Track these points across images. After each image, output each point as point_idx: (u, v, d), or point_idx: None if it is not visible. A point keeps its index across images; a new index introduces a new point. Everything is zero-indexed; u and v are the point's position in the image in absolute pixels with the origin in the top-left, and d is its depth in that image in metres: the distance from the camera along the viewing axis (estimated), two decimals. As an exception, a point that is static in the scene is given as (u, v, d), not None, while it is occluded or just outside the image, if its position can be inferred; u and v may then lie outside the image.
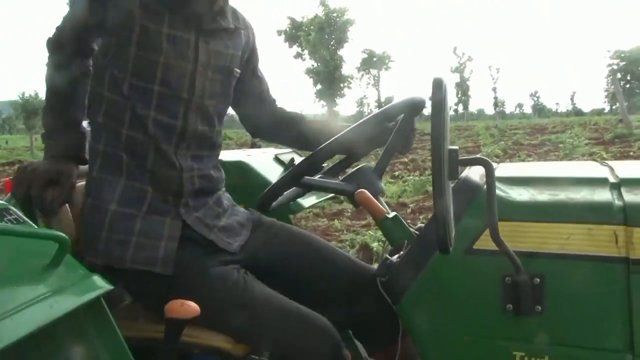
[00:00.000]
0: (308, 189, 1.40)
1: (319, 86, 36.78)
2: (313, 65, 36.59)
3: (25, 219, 1.06)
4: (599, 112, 45.83)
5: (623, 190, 1.04)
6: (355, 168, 1.36)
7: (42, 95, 1.43)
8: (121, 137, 1.32)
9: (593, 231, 1.00)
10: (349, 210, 6.21)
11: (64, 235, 0.96)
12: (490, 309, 1.05)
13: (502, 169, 1.24)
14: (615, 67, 37.58)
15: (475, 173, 1.17)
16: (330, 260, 1.42)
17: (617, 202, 1.01)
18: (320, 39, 32.94)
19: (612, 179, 1.08)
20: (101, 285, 1.04)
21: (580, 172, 1.22)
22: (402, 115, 1.35)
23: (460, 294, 1.08)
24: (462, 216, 1.06)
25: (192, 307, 1.07)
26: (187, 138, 1.36)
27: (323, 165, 1.38)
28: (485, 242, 1.04)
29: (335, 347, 1.25)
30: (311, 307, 1.28)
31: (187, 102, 1.35)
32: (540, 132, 27.54)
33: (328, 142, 1.29)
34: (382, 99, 52.55)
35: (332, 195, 2.10)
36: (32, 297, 0.91)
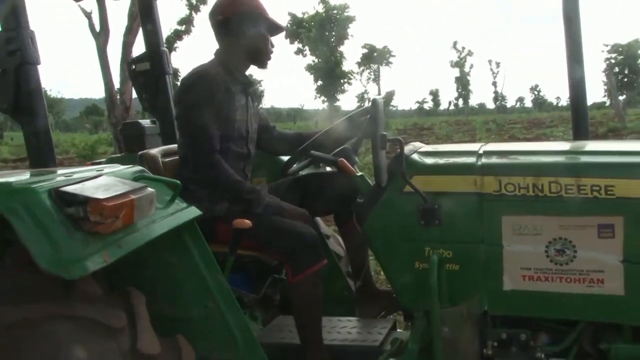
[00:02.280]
0: (312, 159, 2.28)
1: (319, 82, 37.43)
2: (314, 62, 37.20)
3: (150, 174, 1.91)
4: (600, 106, 46.45)
5: (482, 157, 1.90)
6: (340, 148, 2.23)
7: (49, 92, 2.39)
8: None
9: (465, 179, 1.86)
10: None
11: (177, 182, 1.83)
12: (412, 223, 1.90)
13: (424, 147, 2.10)
14: (613, 60, 38.08)
15: (407, 149, 2.02)
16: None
17: (477, 163, 1.87)
18: (320, 35, 33.72)
19: (480, 151, 1.93)
20: (195, 212, 1.91)
21: (467, 147, 2.07)
22: (369, 115, 2.23)
23: (396, 215, 1.93)
24: (394, 174, 1.92)
25: (246, 222, 1.95)
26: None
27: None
28: (409, 189, 1.89)
29: (317, 241, 2.15)
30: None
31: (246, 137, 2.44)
32: (538, 126, 28.26)
33: (322, 132, 2.17)
34: (383, 94, 53.20)
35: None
36: (160, 216, 1.77)
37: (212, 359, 1.89)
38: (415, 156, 1.96)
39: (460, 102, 62.26)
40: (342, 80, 37.69)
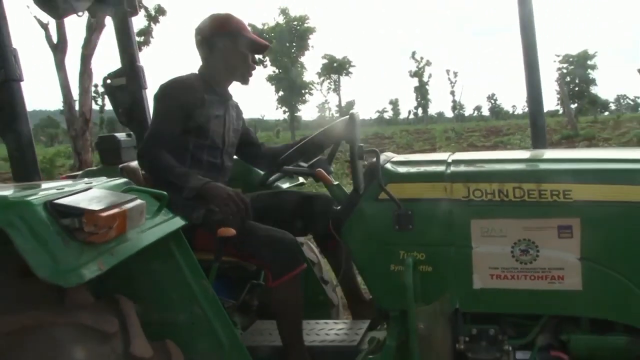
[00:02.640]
0: (288, 172, 2.38)
1: (280, 93, 37.54)
2: (274, 72, 37.32)
3: (138, 186, 1.99)
4: (553, 114, 47.90)
5: (451, 166, 2.04)
6: (315, 159, 2.34)
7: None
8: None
9: (436, 186, 1.99)
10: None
11: (164, 193, 1.91)
12: (387, 229, 2.02)
13: (396, 157, 2.23)
14: (564, 70, 39.39)
15: (381, 159, 2.15)
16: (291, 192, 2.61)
17: (447, 171, 2.01)
18: (281, 46, 33.88)
19: (448, 160, 2.08)
20: (180, 222, 1.99)
21: (436, 157, 2.22)
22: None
23: (372, 221, 2.05)
24: (370, 181, 2.04)
25: (230, 230, 2.04)
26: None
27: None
28: (383, 195, 2.01)
29: (296, 247, 2.25)
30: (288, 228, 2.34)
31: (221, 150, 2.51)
32: (495, 134, 29.00)
33: (300, 144, 2.29)
34: (344, 104, 53.57)
35: (299, 182, 3.10)
36: (149, 226, 1.85)
37: None
38: (388, 165, 2.09)
39: (420, 111, 63.26)
40: (303, 91, 37.90)
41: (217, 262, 2.19)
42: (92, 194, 1.74)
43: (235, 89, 2.78)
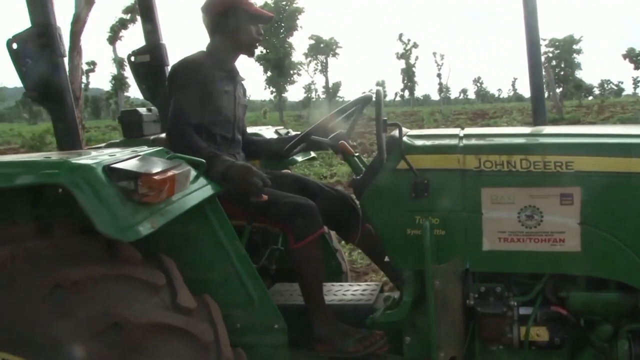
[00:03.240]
0: (315, 143, 2.56)
1: (268, 73, 37.40)
2: (262, 52, 37.12)
3: (178, 154, 2.15)
4: (538, 98, 48.23)
5: (464, 139, 2.23)
6: (336, 132, 2.52)
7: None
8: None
9: (450, 157, 2.18)
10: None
11: (202, 160, 2.09)
12: (405, 196, 2.21)
13: (411, 132, 2.42)
14: (550, 54, 39.75)
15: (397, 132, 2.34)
16: (316, 187, 2.64)
17: (460, 145, 2.20)
18: (269, 26, 33.70)
19: (460, 134, 2.27)
20: (217, 187, 2.17)
21: (450, 131, 2.41)
22: (358, 106, 2.54)
23: (391, 189, 2.24)
24: (391, 152, 2.22)
25: (263, 196, 2.23)
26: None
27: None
28: (402, 165, 2.20)
29: (316, 211, 2.41)
30: None
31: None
32: (482, 117, 29.27)
33: (317, 123, 2.48)
34: (330, 85, 53.45)
35: (312, 156, 3.29)
36: (190, 190, 2.03)
37: (232, 315, 2.16)
38: (405, 138, 2.27)
39: (407, 93, 63.36)
40: (291, 72, 37.80)
41: (250, 224, 2.38)
42: (143, 160, 1.92)
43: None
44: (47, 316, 1.66)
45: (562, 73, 39.67)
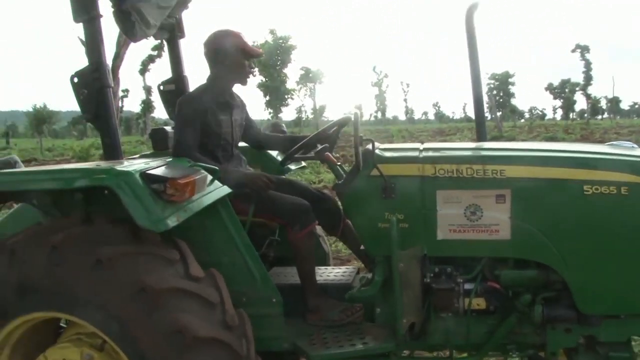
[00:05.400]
0: (303, 158, 2.62)
1: (267, 97, 37.38)
2: (262, 80, 37.11)
3: (197, 163, 2.18)
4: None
5: (423, 152, 2.29)
6: (322, 146, 2.57)
7: (50, 106, 2.57)
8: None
9: (412, 166, 2.24)
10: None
11: (216, 168, 2.13)
12: (377, 197, 2.24)
13: (382, 145, 2.48)
14: (492, 85, 40.66)
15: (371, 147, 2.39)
16: (307, 190, 2.71)
17: (420, 156, 2.26)
18: (269, 60, 33.74)
19: (421, 148, 2.33)
20: (227, 190, 2.18)
21: (413, 145, 2.46)
22: (339, 125, 2.60)
23: (366, 193, 2.27)
24: (365, 162, 2.27)
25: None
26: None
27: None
28: (375, 172, 2.24)
29: (310, 209, 2.45)
30: None
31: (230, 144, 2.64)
32: (440, 135, 29.45)
33: (307, 139, 2.53)
34: (317, 107, 53.34)
35: (302, 165, 3.33)
36: (207, 191, 2.07)
37: (238, 290, 2.18)
38: (377, 151, 2.33)
39: (379, 114, 63.46)
40: (286, 96, 37.79)
41: (252, 216, 2.43)
42: (170, 168, 1.96)
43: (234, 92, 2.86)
44: (90, 284, 1.77)
45: (501, 100, 40.34)
